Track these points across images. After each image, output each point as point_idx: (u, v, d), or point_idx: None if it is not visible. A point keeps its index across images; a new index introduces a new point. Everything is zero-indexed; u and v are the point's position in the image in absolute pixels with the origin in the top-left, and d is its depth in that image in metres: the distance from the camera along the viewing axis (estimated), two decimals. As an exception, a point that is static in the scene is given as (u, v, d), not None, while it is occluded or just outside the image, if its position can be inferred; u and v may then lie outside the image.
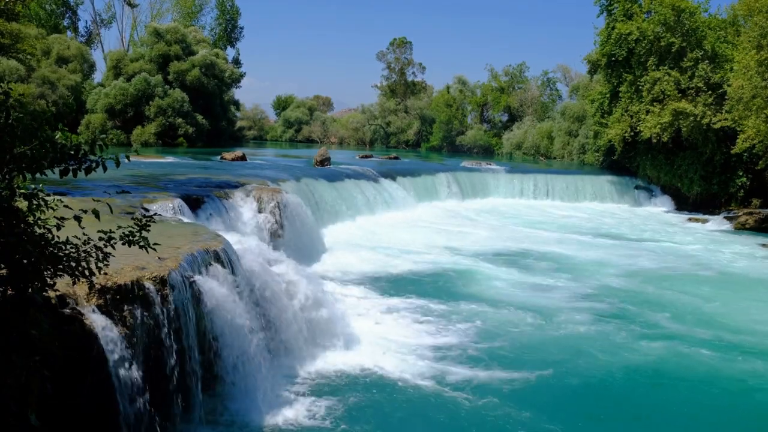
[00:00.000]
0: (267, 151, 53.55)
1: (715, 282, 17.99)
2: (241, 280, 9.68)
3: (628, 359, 11.48)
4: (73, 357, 6.08)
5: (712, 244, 24.52)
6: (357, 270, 17.15)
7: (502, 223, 27.41)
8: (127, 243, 5.66)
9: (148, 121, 48.32)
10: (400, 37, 79.49)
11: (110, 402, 6.61)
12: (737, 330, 13.39)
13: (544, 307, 14.44)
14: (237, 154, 32.63)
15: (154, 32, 52.50)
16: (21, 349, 4.69)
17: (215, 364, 8.62)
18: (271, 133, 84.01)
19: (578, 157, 50.85)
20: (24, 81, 43.99)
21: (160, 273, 7.71)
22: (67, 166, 4.99)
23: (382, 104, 78.70)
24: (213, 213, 15.53)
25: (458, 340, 12.01)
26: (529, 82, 70.92)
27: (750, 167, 32.06)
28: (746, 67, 28.02)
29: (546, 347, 11.93)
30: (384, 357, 10.88)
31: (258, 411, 8.63)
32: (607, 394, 10.22)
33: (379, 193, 27.74)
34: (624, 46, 34.50)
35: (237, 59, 71.63)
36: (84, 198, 12.32)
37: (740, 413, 9.85)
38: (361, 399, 9.34)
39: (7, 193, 4.78)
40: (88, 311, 6.58)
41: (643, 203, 36.08)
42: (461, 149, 66.84)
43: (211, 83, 52.19)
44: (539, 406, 9.45)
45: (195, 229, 11.08)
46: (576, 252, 21.34)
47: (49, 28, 58.34)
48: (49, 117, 4.93)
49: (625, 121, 35.04)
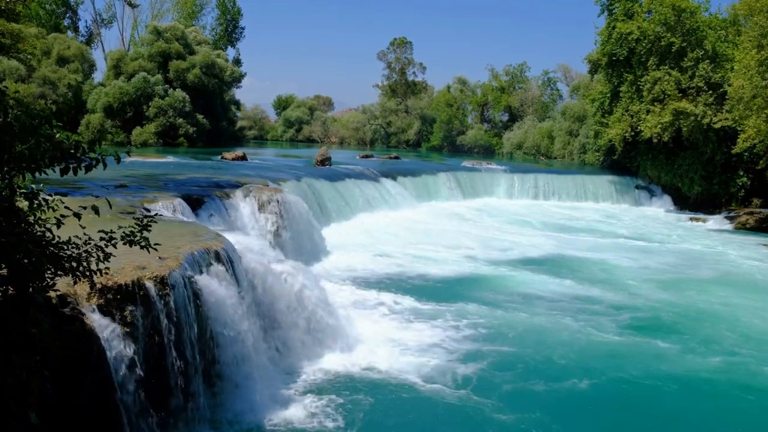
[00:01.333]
0: (267, 150, 53.54)
1: (719, 282, 17.97)
2: (241, 280, 9.68)
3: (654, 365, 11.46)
4: (74, 357, 6.07)
5: (714, 244, 24.51)
6: (357, 270, 17.14)
7: (502, 223, 27.38)
8: (128, 243, 5.65)
9: (148, 120, 48.29)
10: (400, 37, 79.53)
11: (110, 401, 6.60)
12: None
13: (547, 307, 14.45)
14: (237, 154, 32.62)
15: (155, 31, 52.48)
16: (21, 349, 4.68)
17: (216, 363, 8.61)
18: (271, 132, 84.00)
19: (579, 156, 50.83)
20: (25, 81, 43.99)
21: (161, 273, 7.70)
22: (68, 165, 4.98)
23: (383, 104, 78.67)
24: (213, 213, 15.52)
25: (460, 340, 11.99)
26: (530, 81, 70.90)
27: (750, 167, 32.04)
28: (747, 67, 28.01)
29: (547, 346, 11.92)
30: (385, 357, 10.86)
31: (259, 410, 8.62)
32: (620, 398, 10.22)
33: (380, 192, 27.73)
34: (625, 46, 34.47)
35: (237, 59, 71.63)
36: (84, 198, 12.30)
37: (738, 411, 9.85)
38: (361, 399, 9.33)
39: (7, 193, 4.77)
40: (88, 311, 6.57)
41: (644, 203, 36.06)
42: (462, 149, 66.82)
43: (211, 83, 52.17)
44: (540, 406, 9.45)
45: (195, 229, 11.07)
46: (576, 252, 21.32)
47: (50, 27, 58.29)
48: (49, 115, 4.92)
49: (626, 121, 35.01)
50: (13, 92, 4.98)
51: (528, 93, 69.03)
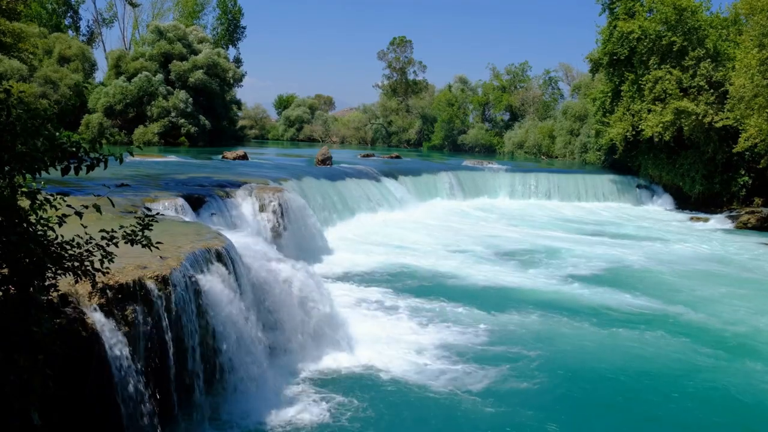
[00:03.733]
0: (268, 150, 53.59)
1: (720, 282, 17.98)
2: (242, 280, 9.68)
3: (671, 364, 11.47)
4: (75, 356, 6.08)
5: (715, 243, 24.50)
6: (359, 269, 17.14)
7: (503, 222, 27.38)
8: (130, 242, 5.66)
9: (150, 120, 48.34)
10: (400, 36, 79.65)
11: (112, 401, 6.61)
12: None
13: (550, 306, 14.44)
14: (238, 154, 32.64)
15: (156, 31, 52.53)
16: (23, 349, 4.68)
17: (217, 363, 8.62)
18: (272, 132, 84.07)
19: (580, 156, 50.82)
20: (26, 80, 44.01)
21: (162, 272, 7.71)
22: (69, 164, 4.98)
23: (384, 103, 78.73)
24: (215, 212, 15.53)
25: (461, 340, 11.99)
26: (531, 81, 70.98)
27: (752, 166, 32.00)
28: (748, 66, 27.98)
29: (550, 344, 11.93)
30: (386, 356, 10.87)
31: (260, 410, 8.63)
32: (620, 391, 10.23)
33: (381, 192, 27.73)
34: (626, 45, 34.43)
35: (238, 58, 71.75)
36: (86, 197, 12.31)
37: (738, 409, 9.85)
38: (363, 399, 9.33)
39: (8, 192, 4.77)
40: (89, 310, 6.57)
41: (645, 202, 36.04)
42: (463, 148, 66.84)
43: (213, 83, 52.21)
44: (541, 406, 9.46)
45: (197, 228, 11.08)
46: (575, 246, 21.32)
47: (51, 27, 58.35)
48: (51, 115, 4.92)
49: (627, 120, 34.98)
50: (18, 92, 4.99)
51: (529, 92, 69.07)
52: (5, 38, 27.21)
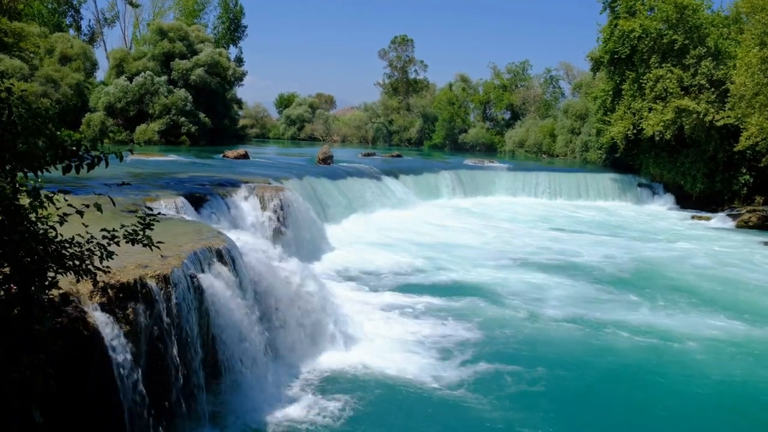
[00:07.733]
0: (269, 149, 53.60)
1: (730, 281, 17.98)
2: (243, 278, 9.69)
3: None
4: (76, 355, 6.09)
5: (715, 242, 24.49)
6: (360, 268, 17.14)
7: (503, 222, 27.37)
8: (131, 241, 5.66)
9: (151, 119, 48.36)
10: (401, 35, 79.55)
11: (113, 400, 6.62)
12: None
13: (553, 308, 14.44)
14: (239, 152, 32.65)
15: (158, 30, 52.52)
16: (25, 348, 4.69)
17: (217, 361, 8.63)
18: (273, 131, 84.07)
19: (581, 155, 50.79)
20: (27, 80, 43.99)
21: (163, 271, 7.72)
22: (69, 163, 4.99)
23: (385, 102, 78.70)
24: (215, 211, 15.52)
25: (461, 339, 12.00)
26: (532, 79, 70.92)
27: (753, 165, 31.99)
28: (749, 65, 27.95)
29: (551, 343, 11.94)
30: (387, 355, 10.87)
31: (261, 409, 8.64)
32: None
33: (382, 191, 27.73)
34: (627, 44, 34.40)
35: (239, 57, 71.68)
36: (87, 196, 12.31)
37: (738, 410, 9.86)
38: (364, 398, 9.33)
39: (9, 190, 4.77)
40: (91, 309, 6.58)
41: (646, 201, 36.02)
42: (464, 147, 66.83)
43: (214, 82, 52.20)
44: (541, 405, 9.46)
45: (198, 227, 11.08)
46: (578, 247, 21.32)
47: (52, 26, 58.35)
48: (52, 114, 4.92)
49: (628, 119, 34.96)
50: (19, 91, 4.99)
51: (530, 91, 69.04)
52: (6, 37, 27.24)
